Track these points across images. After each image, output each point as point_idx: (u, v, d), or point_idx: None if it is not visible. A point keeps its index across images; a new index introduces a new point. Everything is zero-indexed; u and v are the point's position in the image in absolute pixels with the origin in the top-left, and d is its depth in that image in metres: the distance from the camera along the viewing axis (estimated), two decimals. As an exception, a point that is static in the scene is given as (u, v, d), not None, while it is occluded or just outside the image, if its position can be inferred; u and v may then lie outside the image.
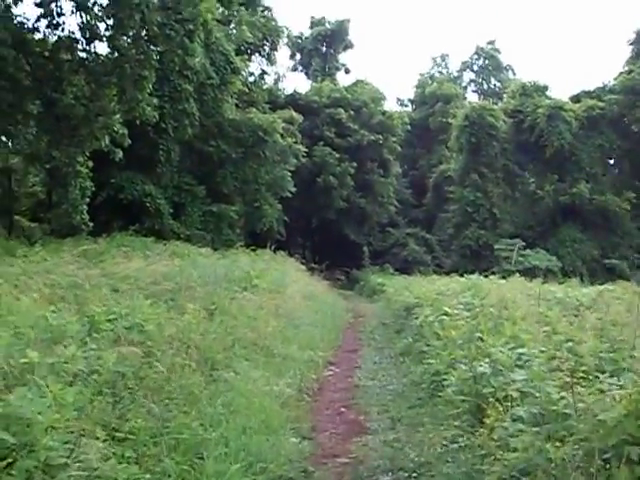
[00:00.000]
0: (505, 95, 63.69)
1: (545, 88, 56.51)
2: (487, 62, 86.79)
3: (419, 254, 56.10)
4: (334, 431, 9.23)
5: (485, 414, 7.44)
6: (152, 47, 25.40)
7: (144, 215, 32.00)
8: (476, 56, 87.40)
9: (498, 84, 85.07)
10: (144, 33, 24.86)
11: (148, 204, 32.06)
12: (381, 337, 19.79)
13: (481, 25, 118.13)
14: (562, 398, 6.46)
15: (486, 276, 26.70)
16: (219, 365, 9.62)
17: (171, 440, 6.39)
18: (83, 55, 25.21)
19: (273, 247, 30.54)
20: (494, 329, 11.73)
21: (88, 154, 26.97)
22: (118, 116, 25.67)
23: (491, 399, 7.47)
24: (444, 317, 14.52)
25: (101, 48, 25.25)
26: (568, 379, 7.26)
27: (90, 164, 27.64)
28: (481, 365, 8.68)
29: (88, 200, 28.05)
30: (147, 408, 6.72)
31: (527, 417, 6.55)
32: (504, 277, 27.63)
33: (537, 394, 6.97)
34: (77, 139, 25.44)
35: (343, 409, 10.55)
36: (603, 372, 8.39)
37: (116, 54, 24.84)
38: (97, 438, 5.56)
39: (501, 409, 7.09)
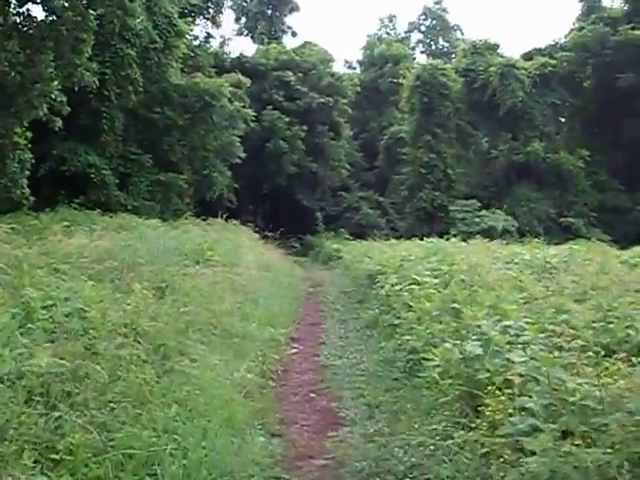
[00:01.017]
0: (456, 55, 62.72)
1: (496, 46, 55.54)
2: (435, 22, 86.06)
3: (373, 218, 55.40)
4: (305, 423, 8.22)
5: (481, 403, 6.48)
6: (90, 9, 24.02)
7: (89, 187, 30.65)
8: (424, 16, 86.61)
9: (447, 44, 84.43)
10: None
11: (92, 175, 30.68)
12: (343, 308, 18.89)
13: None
14: (580, 385, 5.51)
15: (447, 239, 25.93)
16: (172, 352, 8.45)
17: (117, 457, 5.29)
18: (16, 19, 23.69)
19: (224, 216, 29.38)
20: (470, 298, 10.90)
21: (26, 124, 25.40)
22: (56, 83, 24.18)
23: (489, 386, 6.49)
24: (413, 286, 13.65)
25: (36, 11, 23.86)
26: (574, 360, 6.36)
27: (29, 135, 26.08)
28: (468, 343, 7.74)
29: (28, 173, 26.47)
30: (88, 417, 5.59)
31: (538, 410, 5.58)
32: (464, 239, 26.91)
33: (543, 379, 6.02)
34: (14, 108, 23.91)
35: (313, 394, 9.55)
36: (604, 347, 7.56)
37: (52, 17, 23.41)
38: (24, 465, 4.47)
39: (503, 398, 6.12)
